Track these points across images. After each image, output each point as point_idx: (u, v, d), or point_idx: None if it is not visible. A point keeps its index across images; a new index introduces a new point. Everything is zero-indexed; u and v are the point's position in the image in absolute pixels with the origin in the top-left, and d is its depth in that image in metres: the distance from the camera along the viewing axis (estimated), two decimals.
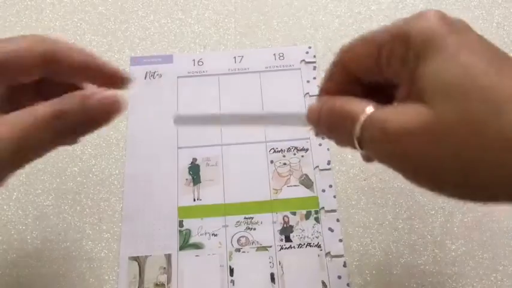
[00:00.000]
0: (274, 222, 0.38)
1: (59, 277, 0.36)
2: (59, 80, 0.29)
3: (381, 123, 0.23)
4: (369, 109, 0.23)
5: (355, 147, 0.25)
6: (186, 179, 0.40)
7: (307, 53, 0.46)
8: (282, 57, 0.45)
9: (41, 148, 0.26)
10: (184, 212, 0.38)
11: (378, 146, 0.23)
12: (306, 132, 0.41)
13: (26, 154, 0.26)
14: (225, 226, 0.38)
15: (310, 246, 0.37)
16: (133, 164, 0.40)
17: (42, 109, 0.25)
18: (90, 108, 0.26)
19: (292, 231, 0.38)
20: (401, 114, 0.22)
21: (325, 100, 0.27)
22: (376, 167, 0.40)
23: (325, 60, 0.31)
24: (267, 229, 0.38)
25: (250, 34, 0.47)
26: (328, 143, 0.41)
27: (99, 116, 0.26)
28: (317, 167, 0.40)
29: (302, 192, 0.39)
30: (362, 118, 0.23)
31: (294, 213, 0.38)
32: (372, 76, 0.26)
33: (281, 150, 0.41)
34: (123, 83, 0.29)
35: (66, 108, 0.25)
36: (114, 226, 0.38)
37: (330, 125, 0.26)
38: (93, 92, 0.26)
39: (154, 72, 0.44)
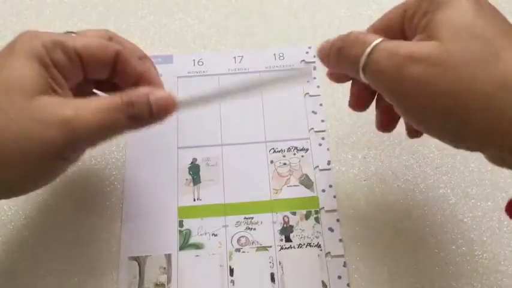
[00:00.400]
0: (274, 222, 0.38)
1: (59, 277, 0.36)
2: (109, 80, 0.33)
3: (390, 48, 0.25)
4: (381, 39, 0.26)
5: (358, 75, 0.27)
6: (186, 179, 0.40)
7: (307, 53, 0.46)
8: (282, 57, 0.45)
9: (117, 129, 0.29)
10: (184, 212, 0.38)
11: (382, 69, 0.26)
12: (306, 132, 0.41)
13: (105, 133, 0.29)
14: (225, 226, 0.38)
15: (310, 246, 0.37)
16: (133, 164, 0.40)
17: (117, 98, 0.28)
18: (151, 104, 0.29)
19: (292, 231, 0.38)
20: (411, 44, 0.25)
21: (339, 36, 0.29)
22: (376, 167, 0.40)
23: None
24: (267, 229, 0.38)
25: (250, 34, 0.47)
26: (328, 143, 0.41)
27: (157, 112, 0.29)
28: (317, 167, 0.40)
29: (302, 192, 0.39)
30: (374, 43, 0.26)
31: (294, 213, 0.38)
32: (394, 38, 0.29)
33: (281, 150, 0.41)
34: None
35: (135, 100, 0.29)
36: (114, 226, 0.38)
37: (340, 52, 0.29)
38: (153, 89, 0.30)
39: None
